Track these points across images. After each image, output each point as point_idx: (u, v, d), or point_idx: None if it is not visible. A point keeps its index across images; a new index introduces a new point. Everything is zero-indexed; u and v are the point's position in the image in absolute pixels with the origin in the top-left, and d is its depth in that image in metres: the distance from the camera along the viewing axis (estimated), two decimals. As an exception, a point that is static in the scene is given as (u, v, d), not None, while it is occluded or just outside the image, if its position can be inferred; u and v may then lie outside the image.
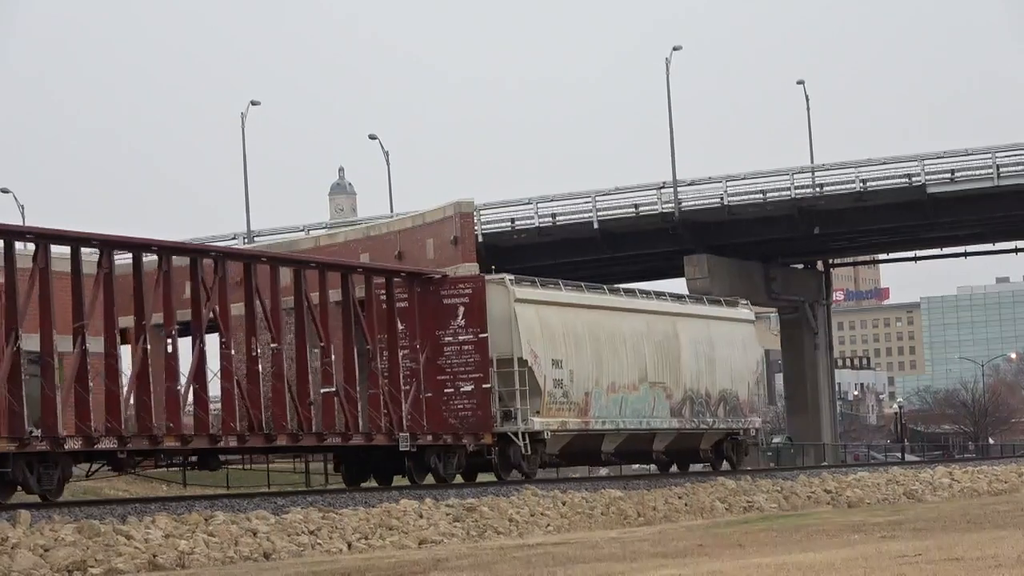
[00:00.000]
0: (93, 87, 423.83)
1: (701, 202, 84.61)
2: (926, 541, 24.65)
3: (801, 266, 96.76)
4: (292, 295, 40.52)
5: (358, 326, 41.48)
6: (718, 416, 52.76)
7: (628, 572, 21.32)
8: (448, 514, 36.49)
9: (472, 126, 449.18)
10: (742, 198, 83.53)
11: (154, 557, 28.61)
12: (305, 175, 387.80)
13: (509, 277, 45.07)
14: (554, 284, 47.38)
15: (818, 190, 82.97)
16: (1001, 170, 79.90)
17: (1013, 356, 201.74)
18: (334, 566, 25.99)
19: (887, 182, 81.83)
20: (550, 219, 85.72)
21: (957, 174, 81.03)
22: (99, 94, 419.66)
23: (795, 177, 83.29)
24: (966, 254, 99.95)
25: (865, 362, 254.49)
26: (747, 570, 20.13)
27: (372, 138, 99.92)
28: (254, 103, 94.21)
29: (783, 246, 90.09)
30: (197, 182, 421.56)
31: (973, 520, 31.48)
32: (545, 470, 57.30)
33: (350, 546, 32.40)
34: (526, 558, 25.33)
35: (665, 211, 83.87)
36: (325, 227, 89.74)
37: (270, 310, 38.64)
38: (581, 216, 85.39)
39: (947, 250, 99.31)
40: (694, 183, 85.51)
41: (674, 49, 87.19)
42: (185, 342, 37.48)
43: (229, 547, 30.36)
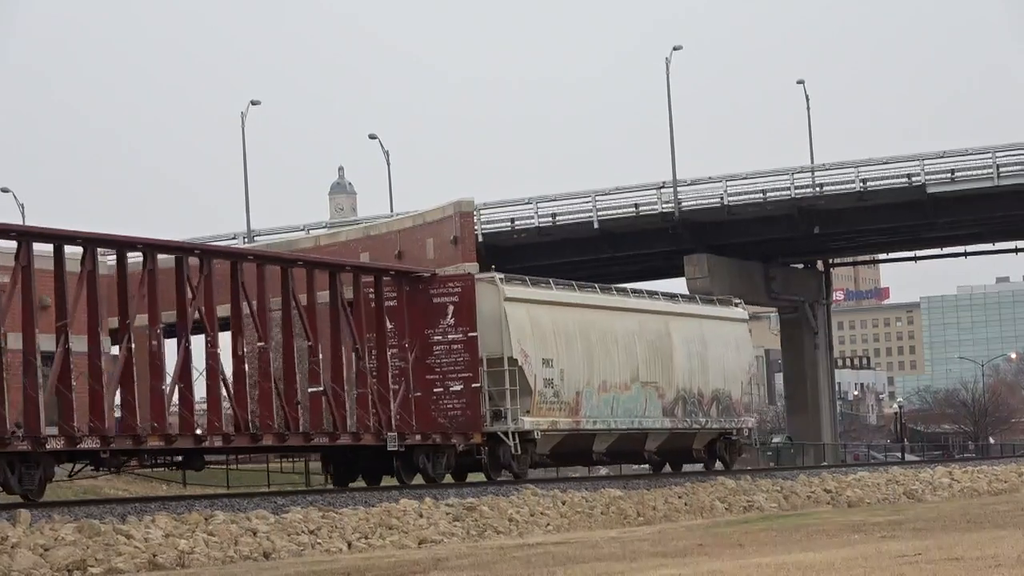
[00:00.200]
0: (93, 87, 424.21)
1: (701, 202, 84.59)
2: (926, 541, 24.65)
3: (801, 266, 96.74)
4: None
5: (347, 325, 41.06)
6: (711, 416, 52.45)
7: (628, 572, 21.32)
8: (448, 514, 36.49)
9: (472, 126, 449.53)
10: (742, 198, 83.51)
11: (154, 556, 28.61)
12: (305, 175, 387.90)
13: (499, 276, 44.77)
14: (545, 283, 47.01)
15: (818, 190, 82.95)
16: (1001, 170, 79.89)
17: (1013, 356, 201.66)
18: (334, 566, 25.99)
19: (887, 182, 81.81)
20: (550, 219, 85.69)
21: (957, 174, 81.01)
22: (99, 94, 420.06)
23: (795, 177, 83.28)
24: (966, 254, 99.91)
25: (865, 362, 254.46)
26: (747, 570, 20.12)
27: (372, 138, 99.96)
28: (254, 103, 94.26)
29: (783, 246, 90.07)
30: (197, 182, 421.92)
31: (973, 520, 31.49)
32: (545, 470, 57.36)
33: (350, 546, 32.40)
34: (526, 558, 25.33)
35: (665, 211, 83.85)
36: (325, 227, 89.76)
37: (256, 309, 38.18)
38: (581, 216, 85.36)
39: (947, 250, 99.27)
40: (694, 183, 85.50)
41: (674, 49, 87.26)
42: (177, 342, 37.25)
43: (229, 546, 30.36)
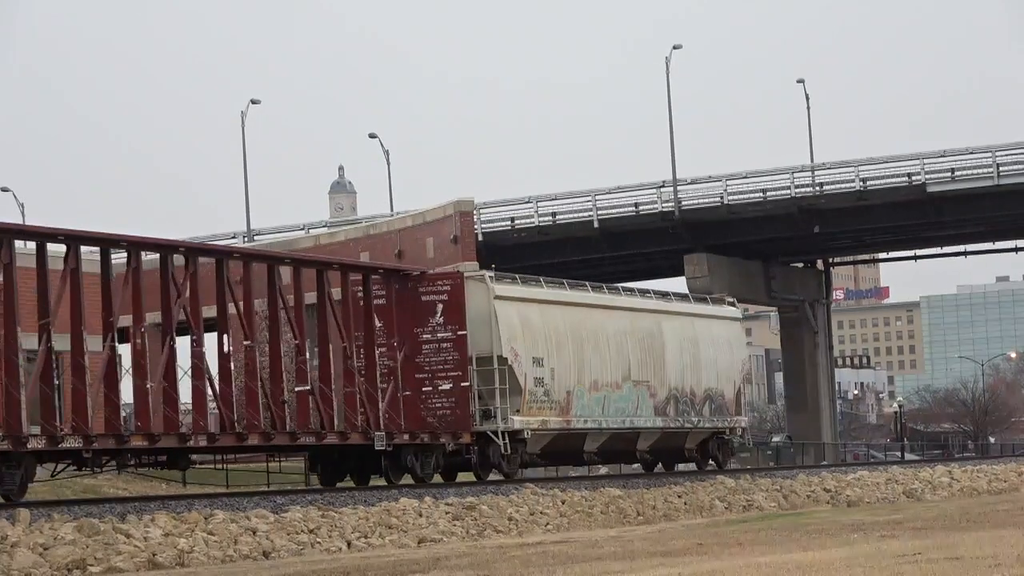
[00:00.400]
0: (93, 86, 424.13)
1: (701, 201, 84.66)
2: (926, 540, 24.64)
3: (801, 265, 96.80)
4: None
5: (335, 324, 40.60)
6: (703, 415, 51.88)
7: (627, 571, 21.31)
8: (448, 513, 36.48)
9: (472, 126, 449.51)
10: (742, 197, 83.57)
11: (153, 556, 28.60)
12: (305, 174, 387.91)
13: (489, 274, 44.42)
14: (535, 281, 46.58)
15: (818, 189, 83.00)
16: (1001, 169, 79.96)
17: (1013, 355, 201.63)
18: (334, 565, 25.98)
19: (887, 181, 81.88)
20: (550, 218, 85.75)
21: (957, 173, 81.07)
22: (99, 93, 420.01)
23: (795, 176, 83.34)
24: (966, 253, 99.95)
25: (865, 361, 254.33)
26: (746, 569, 20.11)
27: (372, 137, 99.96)
28: (254, 102, 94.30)
29: (783, 245, 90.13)
30: (197, 182, 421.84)
31: (973, 519, 31.49)
32: (545, 470, 57.27)
33: (350, 545, 32.40)
34: (525, 557, 25.33)
35: (665, 210, 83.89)
36: (325, 226, 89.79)
37: (243, 307, 37.79)
38: (581, 215, 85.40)
39: (947, 249, 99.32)
40: (694, 182, 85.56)
41: (674, 48, 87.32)
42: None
43: (229, 546, 30.36)
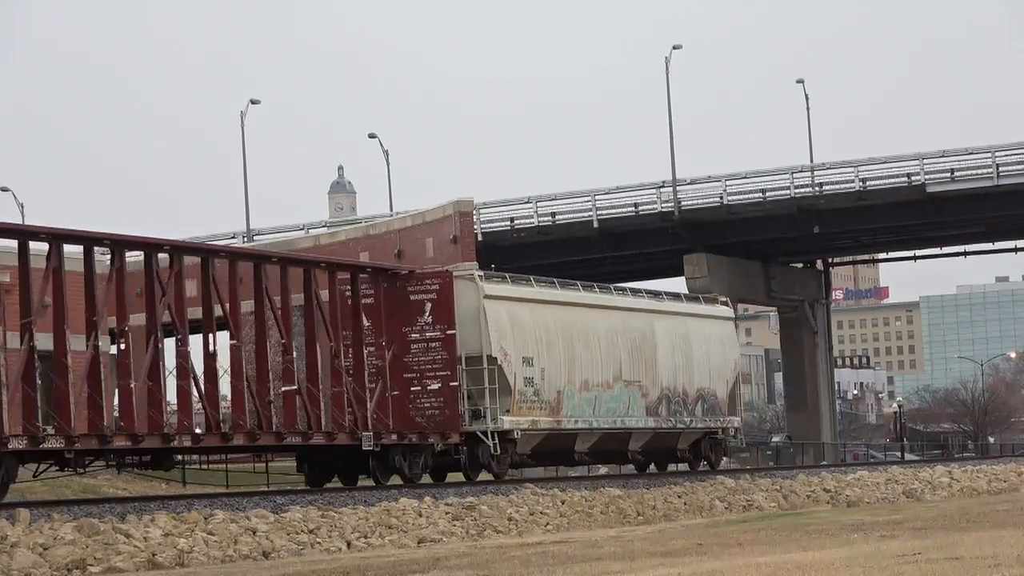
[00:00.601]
0: (92, 86, 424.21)
1: (701, 201, 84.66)
2: (925, 540, 24.64)
3: (801, 265, 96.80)
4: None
5: (322, 323, 40.29)
6: (696, 415, 51.51)
7: (627, 571, 21.31)
8: (447, 513, 36.47)
9: (472, 125, 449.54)
10: (742, 197, 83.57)
11: (153, 556, 28.60)
12: (305, 174, 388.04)
13: (479, 273, 44.21)
14: (526, 280, 46.22)
15: (818, 189, 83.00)
16: (1001, 169, 79.95)
17: (1012, 355, 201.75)
18: (333, 565, 25.97)
19: (887, 181, 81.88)
20: (550, 218, 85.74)
21: (957, 173, 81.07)
22: (98, 93, 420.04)
23: (795, 176, 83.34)
24: (965, 253, 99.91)
25: (864, 361, 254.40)
26: (746, 569, 20.10)
27: (372, 137, 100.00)
28: (254, 102, 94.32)
29: (783, 245, 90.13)
30: (197, 181, 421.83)
31: (973, 519, 31.48)
32: (545, 469, 57.19)
33: (349, 545, 32.39)
34: (525, 557, 25.32)
35: (665, 210, 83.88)
36: (324, 226, 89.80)
37: (229, 306, 37.52)
38: (581, 215, 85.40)
39: (946, 249, 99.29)
40: (694, 182, 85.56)
41: (674, 48, 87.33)
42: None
43: (228, 546, 30.35)
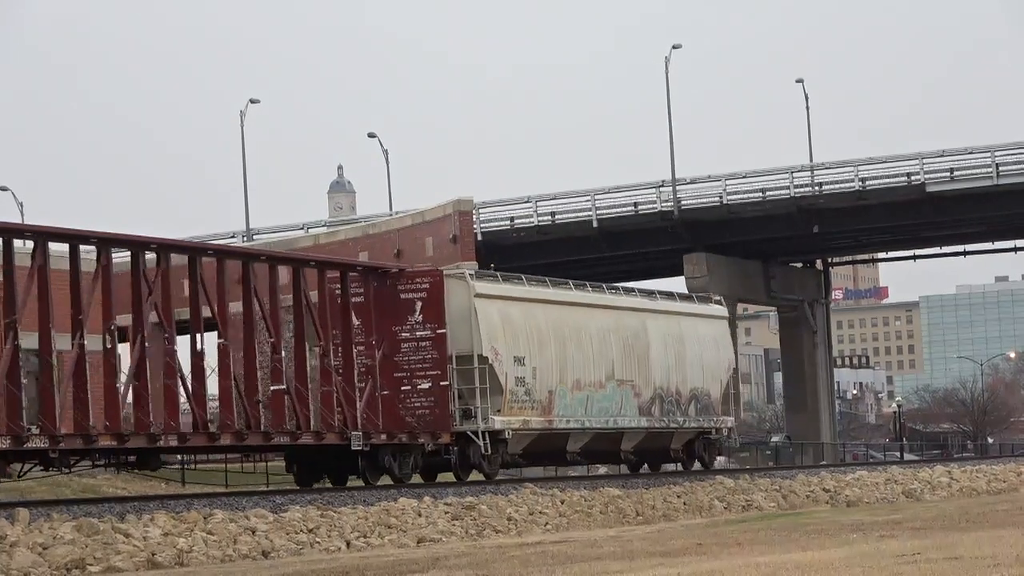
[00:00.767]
0: (92, 86, 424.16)
1: (700, 201, 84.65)
2: (925, 540, 24.63)
3: (800, 265, 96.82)
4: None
5: (311, 322, 39.99)
6: (689, 415, 51.16)
7: (626, 571, 21.30)
8: (447, 512, 36.47)
9: (472, 125, 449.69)
10: (741, 197, 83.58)
11: (153, 555, 28.60)
12: (304, 173, 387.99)
13: (469, 271, 43.98)
14: (517, 279, 45.91)
15: (817, 189, 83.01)
16: (1000, 169, 79.96)
17: (1012, 355, 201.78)
18: (333, 564, 25.97)
19: (886, 181, 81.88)
20: (549, 217, 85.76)
21: (956, 173, 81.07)
22: (98, 92, 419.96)
23: (794, 176, 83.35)
24: (965, 253, 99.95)
25: (864, 361, 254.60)
26: (745, 569, 20.10)
27: (371, 136, 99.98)
28: (253, 101, 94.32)
29: (782, 245, 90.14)
30: (196, 181, 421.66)
31: (972, 519, 31.47)
32: (544, 469, 57.15)
33: (349, 544, 32.39)
34: (524, 557, 25.32)
35: (664, 210, 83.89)
36: (324, 225, 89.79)
37: (216, 305, 37.25)
38: (580, 215, 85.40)
39: (946, 249, 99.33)
40: (693, 182, 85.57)
41: (673, 47, 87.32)
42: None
43: (228, 545, 30.35)
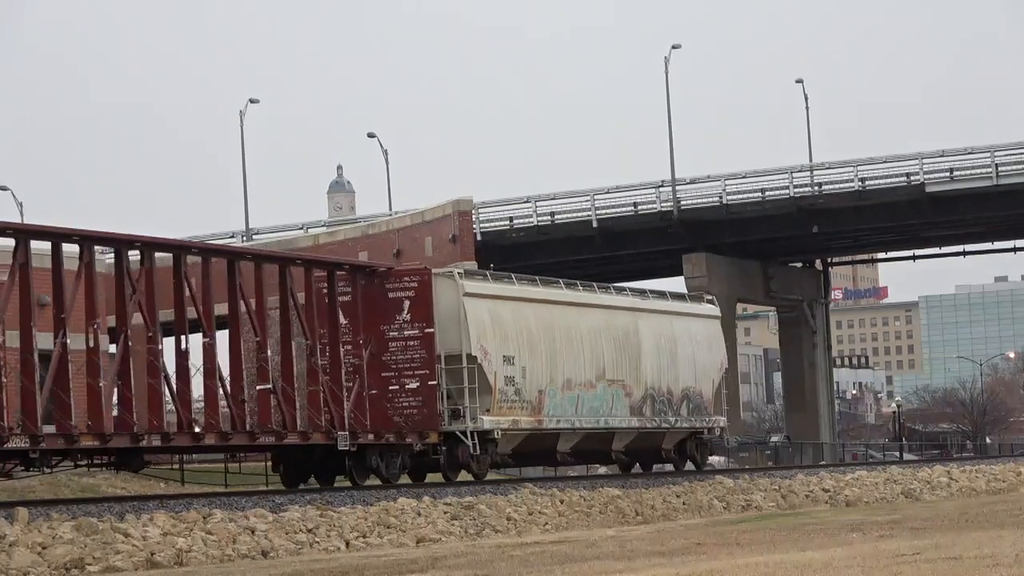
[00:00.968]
0: (91, 85, 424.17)
1: (700, 201, 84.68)
2: (924, 540, 24.63)
3: (800, 265, 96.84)
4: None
5: (298, 321, 39.71)
6: (681, 415, 50.85)
7: (626, 571, 21.32)
8: (446, 512, 36.47)
9: (471, 125, 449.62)
10: (741, 197, 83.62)
11: (152, 555, 28.60)
12: (304, 173, 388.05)
13: (458, 270, 43.78)
14: (507, 278, 45.66)
15: (817, 189, 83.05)
16: (1000, 169, 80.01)
17: (1011, 355, 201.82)
18: (332, 564, 25.97)
19: (886, 181, 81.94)
20: (549, 218, 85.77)
21: (956, 173, 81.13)
22: (98, 91, 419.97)
23: (794, 176, 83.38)
24: (964, 253, 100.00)
25: (863, 361, 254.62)
26: (745, 569, 20.11)
27: (371, 136, 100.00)
28: (253, 101, 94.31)
29: (782, 245, 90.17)
30: (196, 181, 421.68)
31: (971, 519, 31.47)
32: (544, 469, 57.18)
33: (348, 544, 32.39)
34: (524, 556, 25.33)
35: (664, 210, 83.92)
36: (323, 225, 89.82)
37: (201, 304, 37.08)
38: (580, 215, 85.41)
39: (946, 249, 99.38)
40: (693, 182, 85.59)
41: (673, 48, 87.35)
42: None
43: (227, 545, 30.35)
